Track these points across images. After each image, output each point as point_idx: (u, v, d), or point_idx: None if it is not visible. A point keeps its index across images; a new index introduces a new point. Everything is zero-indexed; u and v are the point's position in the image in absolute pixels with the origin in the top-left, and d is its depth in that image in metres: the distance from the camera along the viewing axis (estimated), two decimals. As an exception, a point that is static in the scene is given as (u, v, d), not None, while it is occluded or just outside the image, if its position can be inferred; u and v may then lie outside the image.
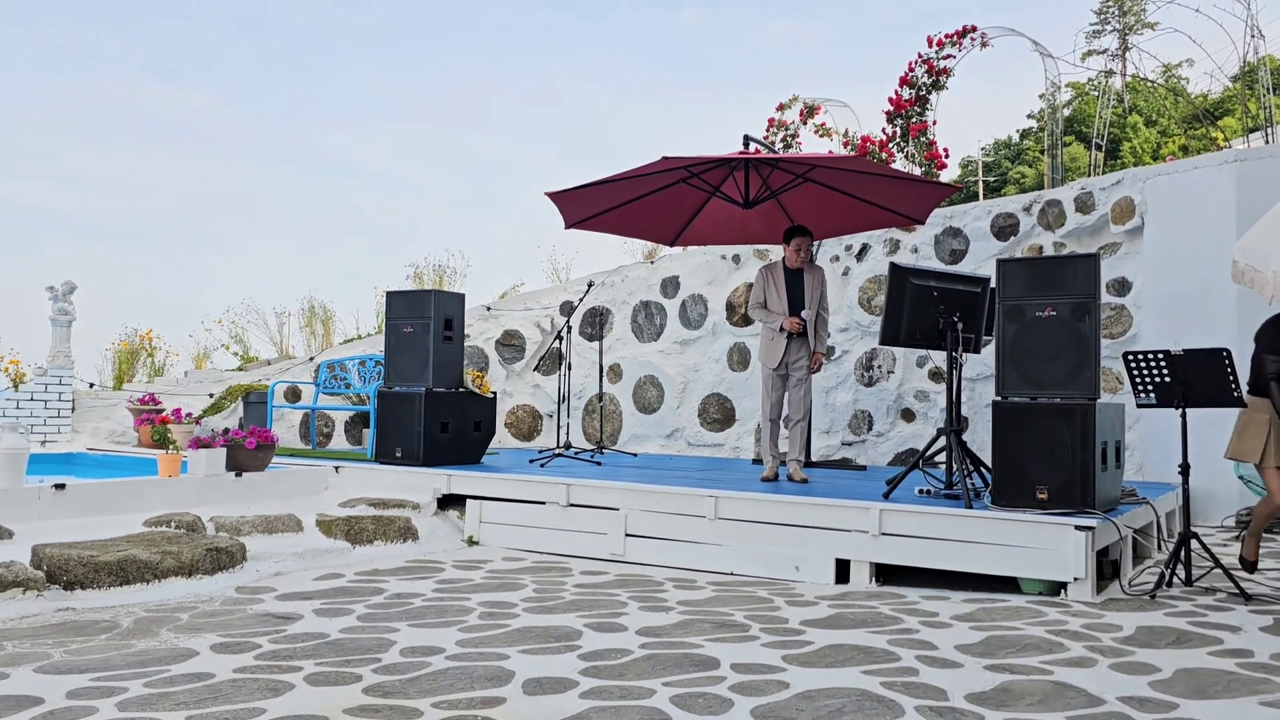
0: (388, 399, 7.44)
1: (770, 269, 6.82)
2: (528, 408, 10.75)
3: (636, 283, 10.67)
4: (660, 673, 3.39)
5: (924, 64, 10.38)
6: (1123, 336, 7.88)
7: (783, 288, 6.72)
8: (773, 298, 6.74)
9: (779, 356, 6.69)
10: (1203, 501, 7.23)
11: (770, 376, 6.74)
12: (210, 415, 9.52)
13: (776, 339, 6.70)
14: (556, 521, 6.17)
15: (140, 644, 3.73)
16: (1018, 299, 5.23)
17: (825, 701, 3.06)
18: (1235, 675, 3.38)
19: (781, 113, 11.60)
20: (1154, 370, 4.88)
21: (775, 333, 6.69)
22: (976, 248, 8.62)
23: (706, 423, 9.99)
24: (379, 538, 6.02)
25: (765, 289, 6.77)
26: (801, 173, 7.45)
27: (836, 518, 5.29)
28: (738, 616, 4.33)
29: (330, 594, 4.75)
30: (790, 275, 6.77)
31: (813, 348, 6.76)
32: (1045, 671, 3.43)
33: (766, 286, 6.77)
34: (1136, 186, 7.88)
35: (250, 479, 6.47)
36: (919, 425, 8.78)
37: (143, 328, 10.72)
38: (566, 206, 7.46)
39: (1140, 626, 4.11)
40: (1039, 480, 5.01)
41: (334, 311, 11.37)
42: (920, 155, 10.29)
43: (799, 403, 6.75)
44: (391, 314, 7.62)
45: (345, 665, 3.45)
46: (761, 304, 6.78)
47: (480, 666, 3.45)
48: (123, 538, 5.15)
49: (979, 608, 4.53)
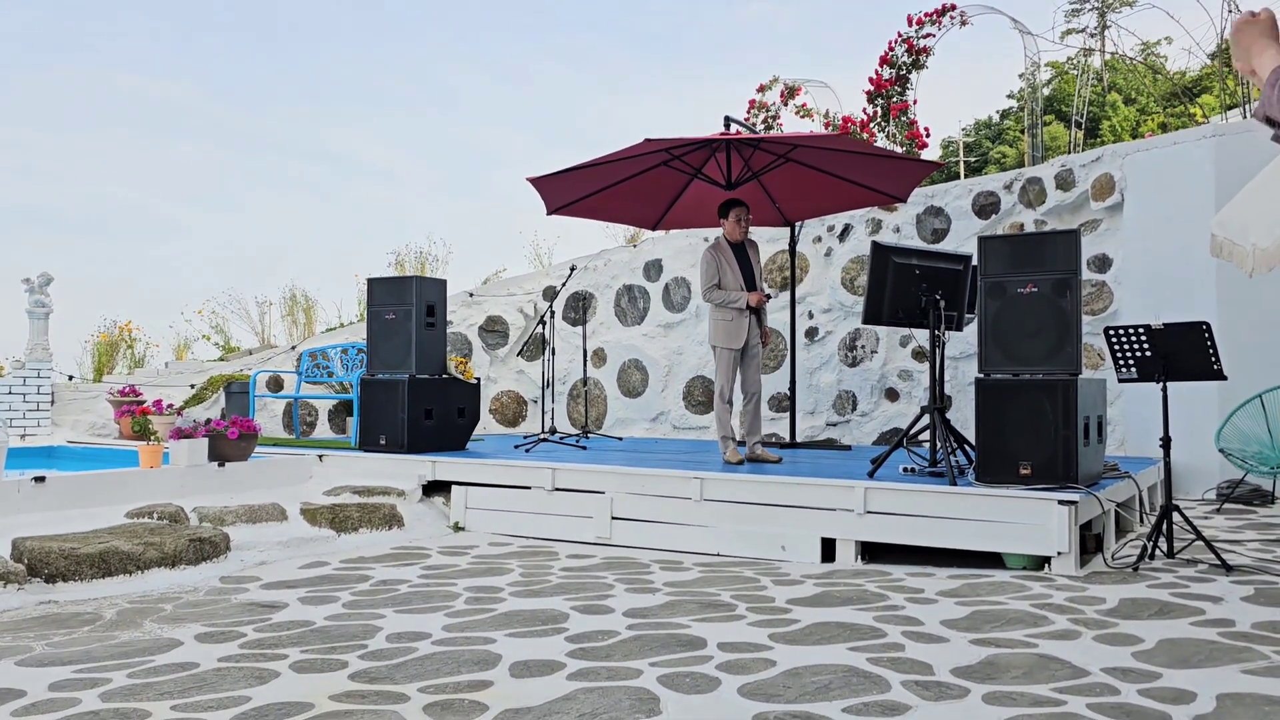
0: (371, 387, 7.40)
1: (717, 249, 6.61)
2: (512, 393, 10.72)
3: (619, 266, 10.64)
4: (647, 653, 3.39)
5: (904, 43, 10.37)
6: (1104, 312, 7.92)
7: (735, 265, 6.57)
8: (727, 276, 6.55)
9: (743, 336, 6.52)
10: (1184, 475, 7.29)
11: (731, 358, 6.55)
12: (192, 406, 9.46)
13: (738, 319, 6.51)
14: (542, 506, 6.16)
15: (123, 635, 3.71)
16: (999, 276, 5.24)
17: (812, 678, 3.07)
18: (1217, 644, 3.40)
19: (762, 94, 11.57)
20: (1135, 345, 4.90)
21: (735, 313, 6.52)
22: (958, 226, 8.64)
23: (691, 406, 9.99)
24: (364, 525, 6.00)
25: (719, 269, 6.55)
26: (783, 153, 7.44)
27: (821, 497, 5.31)
28: (724, 596, 4.34)
29: (315, 582, 4.73)
30: (737, 250, 6.64)
31: (763, 324, 6.68)
32: (1030, 645, 3.45)
33: (720, 266, 6.55)
34: (1116, 163, 7.91)
35: (233, 469, 6.43)
36: (903, 404, 8.81)
37: (122, 319, 10.65)
38: (548, 192, 7.43)
39: (1123, 599, 4.13)
40: (1022, 456, 5.03)
41: (316, 300, 11.32)
42: (901, 135, 10.28)
43: (754, 379, 6.65)
44: (373, 301, 7.58)
45: (331, 652, 3.44)
46: (716, 285, 6.56)
47: (467, 651, 3.44)
48: (105, 529, 5.11)
49: (964, 583, 4.55)
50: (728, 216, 6.66)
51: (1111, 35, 24.35)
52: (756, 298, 6.51)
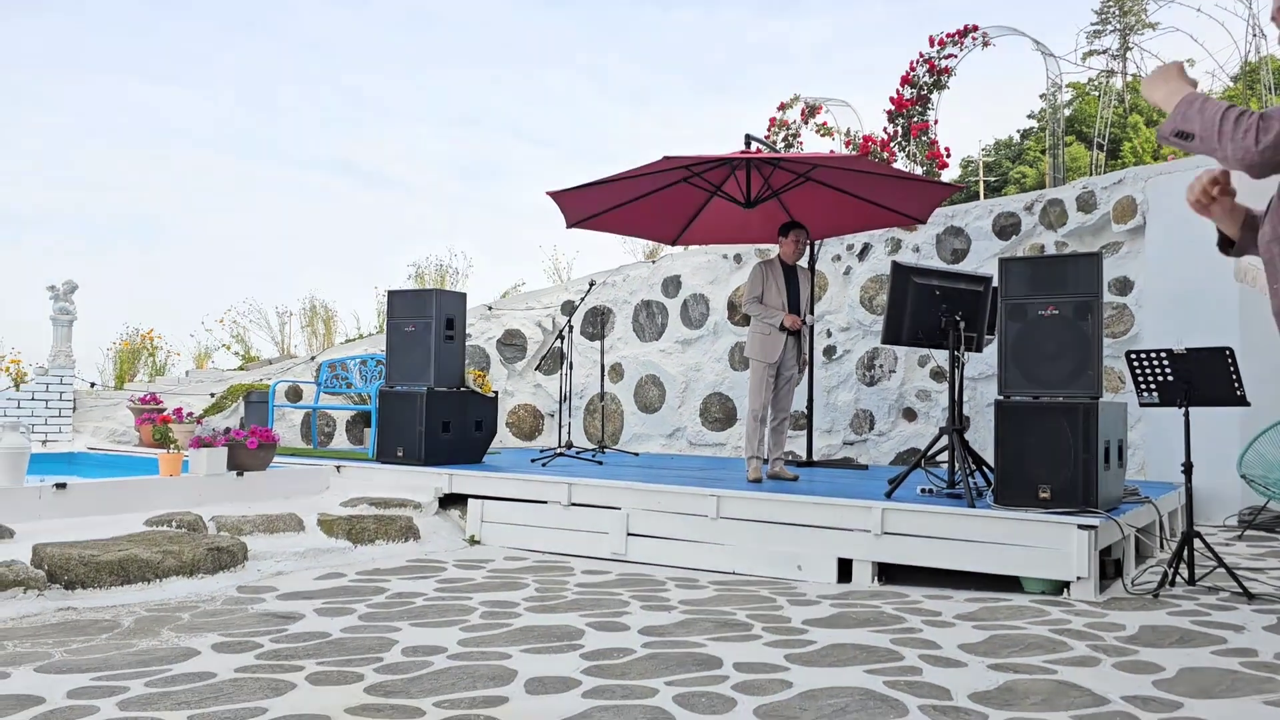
0: (389, 398, 7.44)
1: (769, 264, 6.74)
2: (529, 407, 10.74)
3: (638, 282, 10.66)
4: (663, 672, 3.38)
5: (925, 63, 10.37)
6: (1125, 335, 7.87)
7: (782, 283, 6.66)
8: (771, 293, 6.64)
9: (778, 352, 6.57)
10: (1205, 501, 7.22)
11: (764, 372, 6.60)
12: (211, 415, 9.52)
13: (774, 335, 6.59)
14: (558, 521, 6.16)
15: (141, 643, 3.73)
16: (1020, 298, 5.22)
17: (828, 701, 3.05)
18: (1239, 675, 3.37)
19: (783, 112, 11.59)
20: (1156, 369, 4.87)
21: (773, 328, 6.59)
22: (978, 247, 8.62)
23: (708, 422, 9.98)
24: (380, 537, 6.01)
25: (764, 283, 6.66)
26: (803, 172, 7.44)
27: (839, 517, 5.29)
28: (740, 616, 4.32)
29: (332, 593, 4.75)
30: (788, 272, 6.73)
31: (802, 350, 6.74)
32: (1049, 671, 3.42)
33: (765, 281, 6.67)
34: (1138, 185, 7.87)
35: (251, 478, 6.47)
36: (921, 424, 8.77)
37: (144, 327, 10.73)
38: (568, 206, 7.46)
39: (1144, 626, 4.10)
40: (1041, 479, 5.00)
41: (335, 311, 11.38)
42: (922, 154, 10.28)
43: (787, 402, 6.70)
44: (393, 313, 7.62)
45: (347, 665, 3.45)
46: (758, 298, 6.67)
47: (482, 666, 3.44)
48: (124, 537, 5.15)
49: (982, 607, 4.52)
50: (787, 236, 6.75)
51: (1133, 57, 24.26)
52: (792, 320, 6.56)
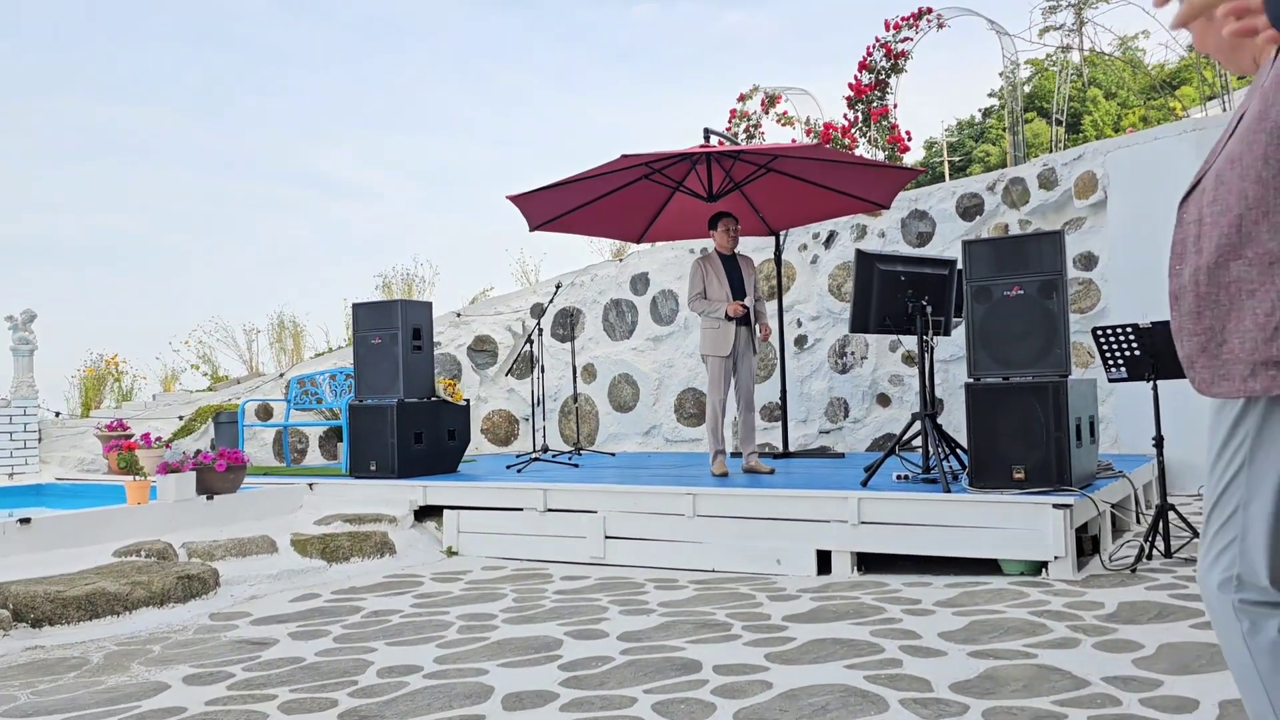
0: (359, 412, 7.35)
1: (706, 259, 6.65)
2: (503, 413, 10.67)
3: (606, 281, 10.61)
4: (642, 679, 3.34)
5: (882, 48, 10.37)
6: (1091, 311, 7.90)
7: (722, 275, 6.59)
8: (713, 286, 6.57)
9: (730, 344, 6.51)
10: (1178, 471, 7.26)
11: (720, 366, 6.55)
12: (181, 438, 9.38)
13: (723, 327, 6.52)
14: (535, 528, 6.11)
15: (110, 680, 3.64)
16: (984, 279, 5.21)
17: (809, 700, 3.02)
18: (1218, 649, 3.36)
19: (743, 103, 11.57)
20: (1124, 344, 4.87)
21: (721, 321, 6.53)
22: (943, 229, 8.62)
23: (683, 418, 9.95)
24: (355, 554, 5.93)
25: (704, 279, 6.59)
26: (763, 163, 7.42)
27: (815, 508, 5.26)
28: (719, 615, 4.29)
29: (306, 615, 4.67)
30: (727, 262, 6.66)
31: (754, 335, 6.65)
32: (1029, 655, 3.41)
33: (705, 276, 6.60)
34: (1098, 160, 7.90)
35: (222, 501, 6.37)
36: (895, 410, 8.78)
37: (108, 352, 10.56)
38: (530, 209, 7.39)
39: (1122, 602, 4.10)
40: (1015, 460, 5.00)
41: (304, 326, 11.24)
42: (883, 139, 10.28)
43: (749, 392, 6.64)
44: (359, 326, 7.53)
45: (320, 690, 3.38)
46: (701, 294, 6.60)
47: (459, 684, 3.39)
48: (91, 570, 5.05)
49: (961, 592, 4.51)
50: (717, 228, 6.69)
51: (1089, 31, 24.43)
52: (734, 306, 6.48)
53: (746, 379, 6.61)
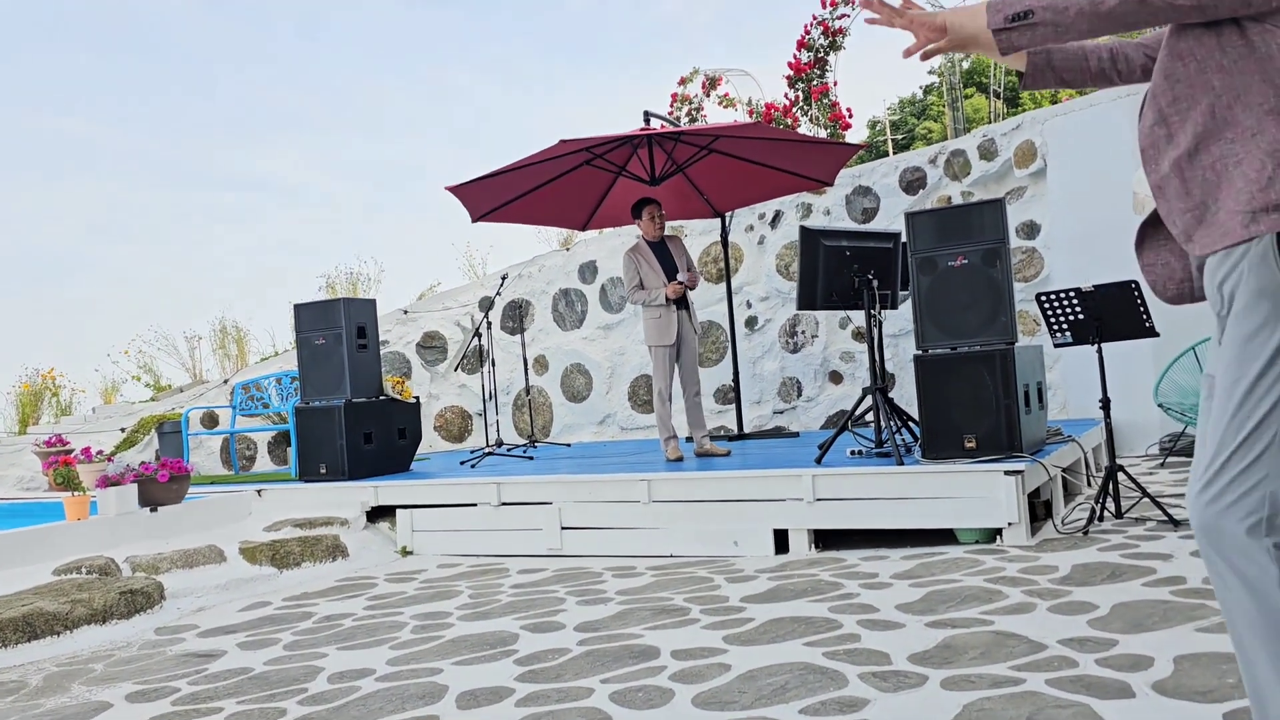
0: (306, 415, 7.20)
1: (636, 250, 6.60)
2: (456, 409, 10.54)
3: (554, 271, 10.51)
4: (599, 669, 3.28)
5: (819, 25, 10.37)
6: (1036, 278, 7.97)
7: (654, 261, 6.54)
8: (648, 275, 6.52)
9: (673, 332, 6.46)
10: (1126, 433, 7.36)
11: (664, 355, 6.49)
12: (124, 450, 9.15)
13: (665, 315, 6.47)
14: (490, 522, 6.02)
15: (50, 702, 3.51)
16: (929, 251, 5.21)
17: (768, 680, 2.99)
18: (1170, 604, 3.39)
19: (684, 87, 11.51)
20: (1067, 309, 4.90)
21: (663, 310, 6.47)
22: (887, 204, 8.64)
23: (637, 405, 9.90)
24: (307, 559, 5.81)
25: (638, 269, 6.54)
26: (705, 144, 7.37)
27: (770, 488, 5.24)
28: (677, 600, 4.24)
29: (255, 624, 4.55)
30: (657, 249, 6.61)
31: (693, 316, 6.61)
32: (986, 623, 3.40)
33: (639, 266, 6.54)
34: (1036, 129, 7.96)
35: (166, 513, 6.20)
36: (847, 386, 8.80)
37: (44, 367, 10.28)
38: (470, 200, 7.28)
39: (1075, 565, 4.12)
40: (966, 429, 5.01)
41: (248, 330, 11.05)
42: (824, 117, 10.28)
43: (694, 375, 6.60)
44: (301, 327, 7.37)
45: (269, 700, 3.28)
46: (637, 285, 6.54)
47: (412, 685, 3.31)
48: (29, 590, 4.88)
49: (918, 563, 4.51)
50: (641, 216, 6.63)
51: (1023, 4, 24.65)
52: (672, 288, 6.43)
53: (690, 362, 6.57)
